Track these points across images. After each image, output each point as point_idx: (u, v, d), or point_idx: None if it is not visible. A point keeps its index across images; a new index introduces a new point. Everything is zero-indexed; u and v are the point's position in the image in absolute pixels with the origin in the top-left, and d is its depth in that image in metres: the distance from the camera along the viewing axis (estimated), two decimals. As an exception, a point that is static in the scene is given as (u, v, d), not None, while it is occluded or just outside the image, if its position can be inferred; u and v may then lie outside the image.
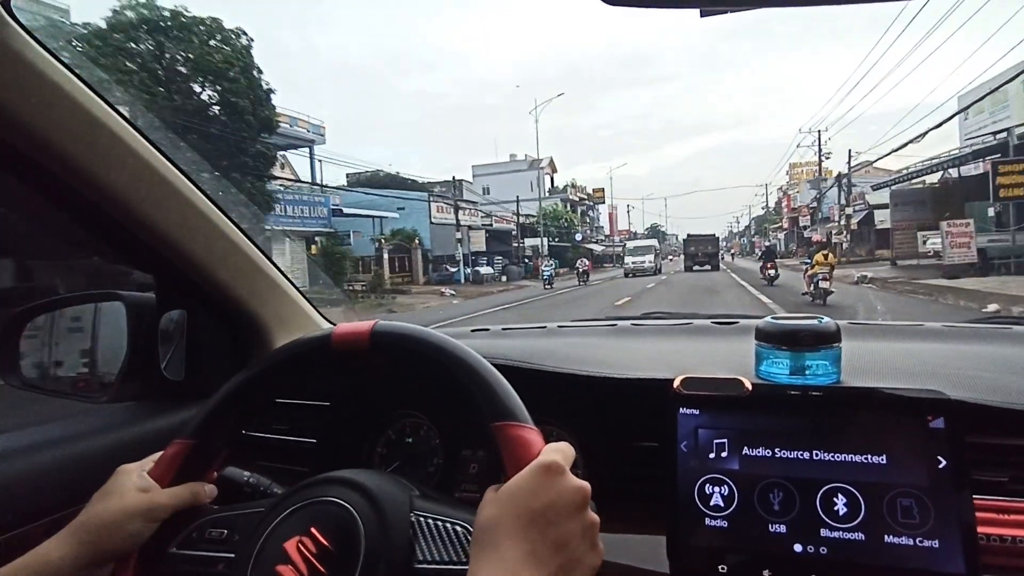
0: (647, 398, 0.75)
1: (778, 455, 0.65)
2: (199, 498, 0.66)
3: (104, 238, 0.89)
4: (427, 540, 0.57)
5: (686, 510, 0.66)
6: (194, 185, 0.87)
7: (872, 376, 0.77)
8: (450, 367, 0.60)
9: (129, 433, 0.92)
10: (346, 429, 1.01)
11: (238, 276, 0.98)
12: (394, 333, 0.64)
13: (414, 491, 0.62)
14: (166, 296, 1.02)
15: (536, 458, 0.51)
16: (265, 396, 0.72)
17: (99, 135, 0.74)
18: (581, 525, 0.50)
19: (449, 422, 0.96)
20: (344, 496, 0.58)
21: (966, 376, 0.77)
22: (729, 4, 0.52)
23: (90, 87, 0.72)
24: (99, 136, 0.74)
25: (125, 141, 0.77)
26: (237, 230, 0.95)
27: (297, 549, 0.55)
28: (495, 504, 0.50)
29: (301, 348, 0.67)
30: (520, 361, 0.89)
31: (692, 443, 0.67)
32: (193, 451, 0.66)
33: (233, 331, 1.04)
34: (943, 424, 0.62)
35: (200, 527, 0.64)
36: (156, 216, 0.84)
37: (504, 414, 0.55)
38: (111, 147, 0.76)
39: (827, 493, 0.63)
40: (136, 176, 0.80)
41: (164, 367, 1.02)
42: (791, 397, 0.68)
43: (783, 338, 0.73)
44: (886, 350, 0.92)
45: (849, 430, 0.64)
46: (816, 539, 0.62)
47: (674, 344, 1.11)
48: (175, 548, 0.63)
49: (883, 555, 0.60)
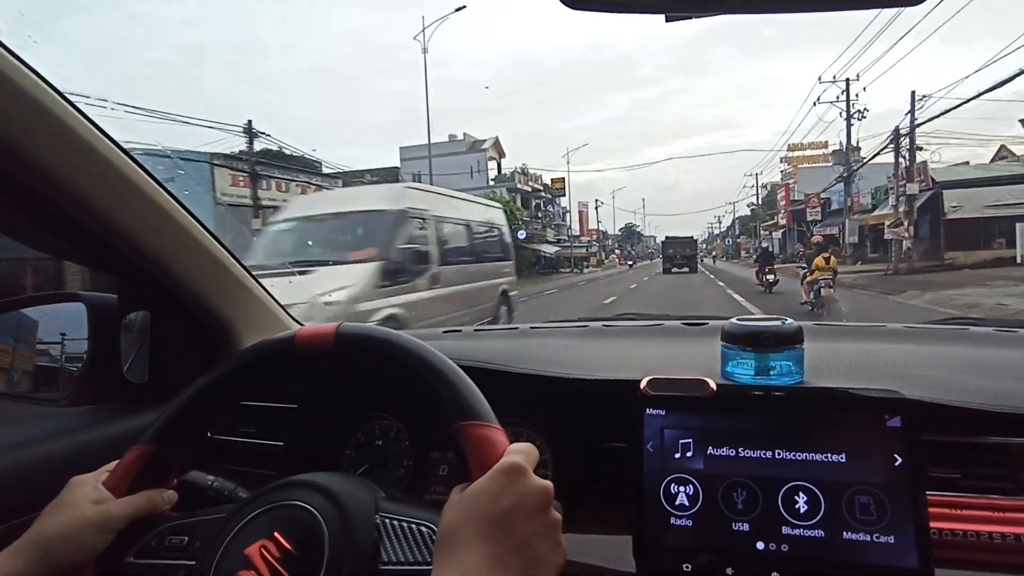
0: (615, 399, 0.76)
1: (742, 454, 0.66)
2: (157, 506, 0.64)
3: (64, 238, 0.87)
4: (392, 541, 0.57)
5: (652, 510, 0.67)
6: (155, 182, 0.85)
7: (833, 376, 0.79)
8: (415, 368, 0.60)
9: (89, 437, 0.89)
10: (315, 432, 1.00)
11: (203, 276, 0.97)
12: (358, 335, 0.63)
13: (380, 493, 0.62)
14: (129, 297, 1.00)
15: (500, 458, 0.52)
16: (229, 400, 0.71)
17: (57, 132, 0.72)
18: (544, 525, 0.50)
19: (419, 424, 0.95)
20: (308, 499, 0.58)
21: (923, 376, 0.79)
22: (694, 10, 0.53)
23: (46, 82, 0.70)
24: (57, 133, 0.72)
25: (83, 137, 0.75)
26: (202, 228, 0.93)
27: (260, 554, 0.54)
28: (458, 508, 0.50)
29: (264, 351, 0.67)
30: (490, 363, 0.89)
31: (658, 443, 0.68)
32: (152, 458, 0.64)
33: (198, 332, 1.02)
34: (900, 423, 0.63)
35: (159, 535, 0.63)
36: (118, 214, 0.82)
37: (468, 413, 0.56)
38: (70, 144, 0.74)
39: (789, 491, 0.64)
40: (96, 173, 0.78)
41: (126, 369, 1.00)
42: (755, 397, 0.69)
43: (747, 339, 0.74)
44: (848, 351, 0.94)
45: (810, 429, 0.65)
46: (778, 537, 0.63)
47: (643, 345, 1.13)
48: (133, 558, 0.62)
49: (841, 551, 0.61)
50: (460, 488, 0.52)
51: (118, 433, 0.91)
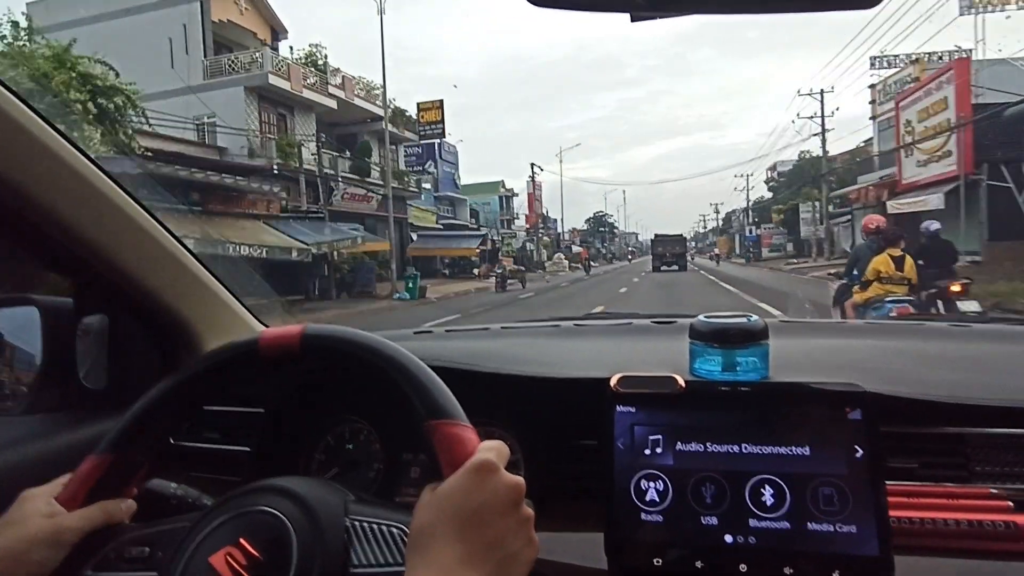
0: (586, 397, 0.77)
1: (710, 449, 0.67)
2: (114, 517, 0.62)
3: (15, 239, 0.84)
4: (363, 543, 0.56)
5: (623, 506, 0.67)
6: (112, 180, 0.82)
7: (797, 371, 0.81)
8: (383, 367, 0.59)
9: (45, 447, 0.86)
10: (282, 436, 0.98)
11: (163, 277, 0.94)
12: (324, 336, 0.62)
13: (349, 496, 0.61)
14: (85, 300, 0.96)
15: (471, 456, 0.51)
16: (190, 405, 0.69)
17: (6, 129, 0.69)
18: (516, 521, 0.50)
19: (389, 426, 0.94)
20: (275, 504, 0.57)
21: (881, 369, 0.82)
22: (658, 10, 0.53)
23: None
24: (7, 130, 0.69)
25: (35, 135, 0.72)
26: (160, 228, 0.91)
27: (225, 562, 0.53)
28: (430, 507, 0.50)
29: (226, 354, 0.65)
30: (461, 363, 0.89)
31: (628, 440, 0.69)
32: (110, 468, 0.62)
33: (159, 336, 0.99)
34: (860, 415, 0.65)
35: (119, 547, 0.61)
36: (72, 214, 0.79)
37: (438, 412, 0.55)
38: (20, 142, 0.71)
39: (755, 485, 0.65)
40: (49, 172, 0.75)
41: (84, 376, 0.96)
42: (722, 393, 0.71)
43: (715, 336, 0.75)
44: (811, 346, 0.97)
45: (775, 423, 0.67)
46: (745, 529, 0.64)
47: (614, 344, 1.14)
48: (91, 571, 0.60)
49: (806, 541, 0.63)
50: (431, 487, 0.52)
51: (76, 442, 0.88)
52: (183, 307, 0.98)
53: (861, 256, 6.35)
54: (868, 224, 6.62)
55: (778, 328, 0.89)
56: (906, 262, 5.83)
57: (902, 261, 5.82)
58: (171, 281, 0.95)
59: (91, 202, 0.81)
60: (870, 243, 6.39)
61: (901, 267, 5.79)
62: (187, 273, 0.98)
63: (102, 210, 0.82)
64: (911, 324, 1.18)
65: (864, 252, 6.34)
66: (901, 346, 1.00)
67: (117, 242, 0.85)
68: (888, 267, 5.80)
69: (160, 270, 0.93)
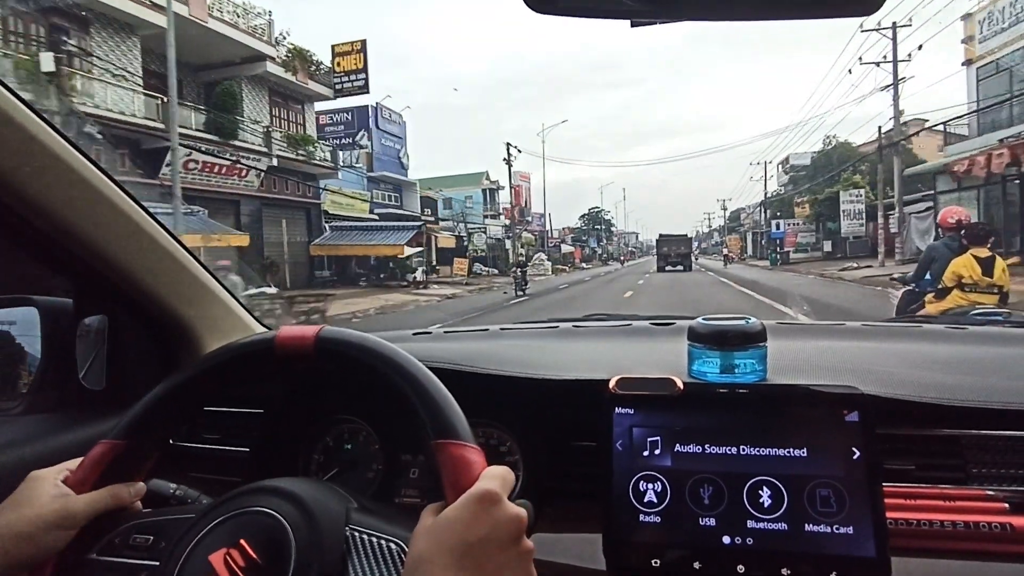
0: (585, 398, 0.77)
1: (708, 451, 0.68)
2: (122, 501, 0.62)
3: (15, 239, 0.84)
4: (361, 557, 0.55)
5: (621, 507, 0.67)
6: (111, 180, 0.83)
7: (795, 374, 0.81)
8: (394, 378, 0.59)
9: (44, 447, 0.86)
10: (281, 437, 0.98)
11: (163, 278, 0.94)
12: (340, 340, 0.62)
13: (352, 503, 0.60)
14: (84, 301, 0.97)
15: (475, 481, 0.51)
16: (200, 399, 0.69)
17: (6, 129, 0.69)
18: (516, 555, 0.50)
19: (389, 427, 0.94)
20: (276, 506, 0.57)
21: (879, 372, 0.82)
22: (657, 16, 0.54)
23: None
24: (7, 131, 0.69)
25: (35, 135, 0.72)
26: (161, 228, 0.91)
27: (224, 562, 0.53)
28: (430, 535, 0.49)
29: (245, 349, 0.65)
30: (461, 364, 0.89)
31: (627, 441, 0.69)
32: (121, 454, 0.62)
33: (158, 337, 0.99)
34: (857, 418, 0.66)
35: (124, 532, 0.61)
36: (71, 215, 0.79)
37: (446, 432, 0.55)
38: (20, 142, 0.71)
39: (753, 486, 0.66)
40: (49, 172, 0.75)
41: (83, 376, 0.96)
42: (720, 395, 0.71)
43: (713, 338, 0.75)
44: (809, 348, 0.97)
45: (773, 425, 0.67)
46: (743, 531, 0.65)
47: (613, 345, 1.14)
48: (96, 554, 0.60)
49: (803, 543, 0.63)
50: (432, 510, 0.51)
51: (74, 442, 0.88)
52: (182, 308, 0.98)
53: (938, 256, 5.08)
54: (947, 217, 5.34)
55: (776, 330, 0.89)
56: (996, 265, 4.58)
57: (991, 264, 4.56)
58: (171, 282, 0.95)
59: (91, 203, 0.81)
60: (948, 241, 5.18)
61: (990, 271, 4.54)
62: (187, 274, 0.98)
63: (102, 211, 0.82)
64: (908, 327, 1.18)
65: (941, 252, 5.08)
66: (898, 348, 1.00)
67: (117, 242, 0.86)
68: (973, 271, 4.54)
69: (160, 271, 0.93)
